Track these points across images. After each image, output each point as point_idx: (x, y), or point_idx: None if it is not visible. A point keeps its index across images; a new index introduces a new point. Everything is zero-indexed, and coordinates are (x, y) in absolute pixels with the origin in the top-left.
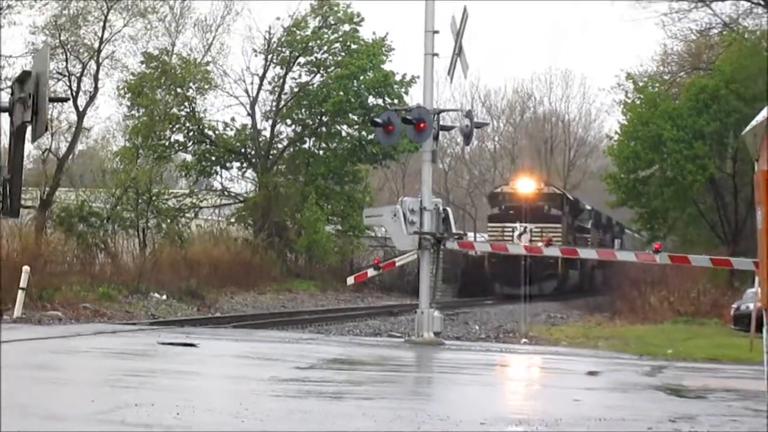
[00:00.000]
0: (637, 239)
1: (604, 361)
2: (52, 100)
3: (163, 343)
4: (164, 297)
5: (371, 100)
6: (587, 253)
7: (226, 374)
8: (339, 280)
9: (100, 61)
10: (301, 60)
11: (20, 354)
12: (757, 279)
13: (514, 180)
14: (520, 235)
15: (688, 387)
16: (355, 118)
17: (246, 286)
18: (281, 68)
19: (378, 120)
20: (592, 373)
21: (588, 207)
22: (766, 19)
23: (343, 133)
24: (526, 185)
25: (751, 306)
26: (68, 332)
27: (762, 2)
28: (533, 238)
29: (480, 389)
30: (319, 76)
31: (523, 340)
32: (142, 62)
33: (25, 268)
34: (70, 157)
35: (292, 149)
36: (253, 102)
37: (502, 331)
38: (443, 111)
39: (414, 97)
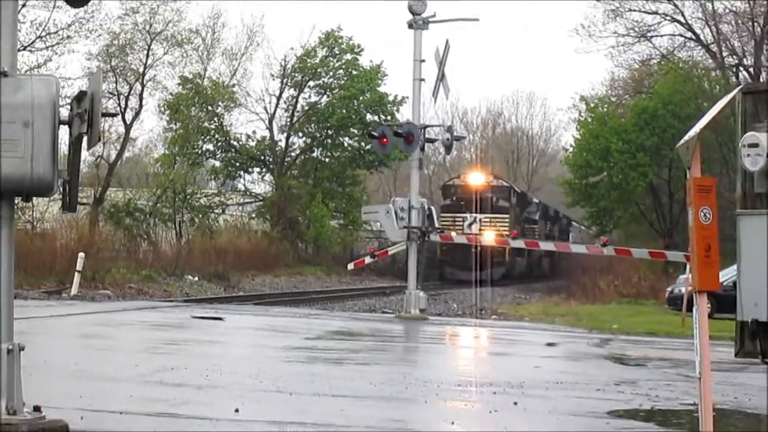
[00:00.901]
0: (584, 231)
1: (560, 334)
2: (104, 115)
3: (195, 317)
4: (196, 279)
5: (369, 116)
6: (547, 245)
7: (248, 343)
8: (341, 266)
9: (144, 83)
10: (311, 83)
11: (76, 325)
12: (688, 266)
13: (466, 173)
14: (470, 225)
15: (630, 356)
16: (355, 131)
17: (264, 270)
18: (294, 90)
19: (374, 133)
20: (550, 344)
21: (536, 200)
22: (697, 51)
23: (345, 144)
24: (475, 178)
25: (683, 289)
26: (116, 308)
27: (693, 37)
28: (482, 228)
29: (457, 357)
30: (325, 96)
31: (494, 316)
32: (179, 84)
33: (81, 254)
34: (119, 162)
35: (303, 157)
36: (271, 118)
37: (476, 309)
38: (428, 126)
39: (404, 114)
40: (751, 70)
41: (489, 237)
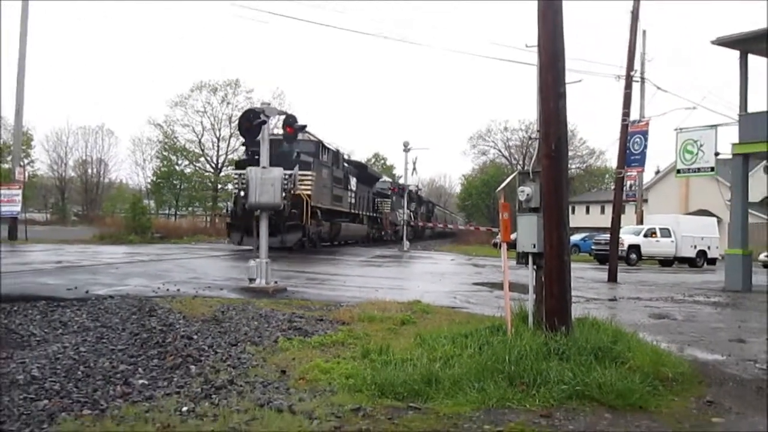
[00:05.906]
0: (447, 212)
1: (455, 256)
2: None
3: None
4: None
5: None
6: (451, 227)
7: (348, 259)
8: None
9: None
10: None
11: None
12: (500, 233)
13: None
14: None
15: (480, 264)
16: None
17: None
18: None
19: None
20: (452, 259)
21: (388, 179)
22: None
23: None
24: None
25: (498, 240)
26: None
27: (502, 153)
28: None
29: (422, 264)
30: None
31: (434, 251)
32: None
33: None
34: None
35: None
36: None
37: (427, 247)
38: (409, 185)
39: (400, 180)
40: (522, 165)
41: (412, 218)
